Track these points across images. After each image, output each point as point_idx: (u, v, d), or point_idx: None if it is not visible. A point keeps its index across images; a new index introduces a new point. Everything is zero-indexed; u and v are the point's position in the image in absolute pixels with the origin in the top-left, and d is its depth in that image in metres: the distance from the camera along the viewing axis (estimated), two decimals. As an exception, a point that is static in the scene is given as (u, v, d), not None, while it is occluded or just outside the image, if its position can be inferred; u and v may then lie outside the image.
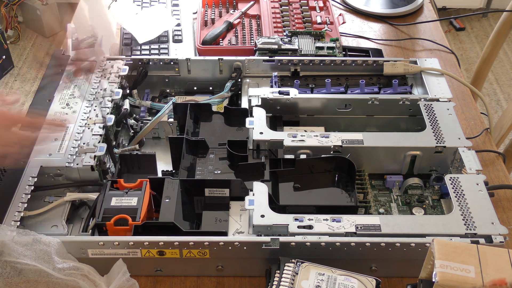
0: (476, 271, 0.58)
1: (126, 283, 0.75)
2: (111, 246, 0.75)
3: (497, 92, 2.43)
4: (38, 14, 2.63)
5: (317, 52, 1.11)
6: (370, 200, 0.86)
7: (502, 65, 2.56)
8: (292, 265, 0.72)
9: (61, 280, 0.73)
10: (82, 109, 0.93)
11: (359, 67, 1.06)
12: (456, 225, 0.76)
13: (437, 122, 0.91)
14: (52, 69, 1.03)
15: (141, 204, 0.80)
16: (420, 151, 0.88)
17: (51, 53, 2.73)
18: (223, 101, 1.01)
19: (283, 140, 0.87)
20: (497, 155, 1.00)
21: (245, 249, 0.75)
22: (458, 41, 2.70)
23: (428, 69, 1.03)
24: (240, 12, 1.26)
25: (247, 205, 0.78)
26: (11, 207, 0.79)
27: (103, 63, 1.03)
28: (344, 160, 0.86)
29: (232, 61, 1.05)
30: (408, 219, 0.77)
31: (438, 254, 0.60)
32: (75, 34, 1.10)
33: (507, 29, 1.47)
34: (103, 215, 0.78)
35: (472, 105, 1.10)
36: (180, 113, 0.95)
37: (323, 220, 0.76)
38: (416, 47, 1.27)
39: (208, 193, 0.83)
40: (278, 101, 0.96)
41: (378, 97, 0.96)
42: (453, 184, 0.81)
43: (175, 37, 1.20)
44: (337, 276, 0.71)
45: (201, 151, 0.90)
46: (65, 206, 0.83)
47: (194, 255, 0.76)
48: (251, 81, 1.05)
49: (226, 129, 0.95)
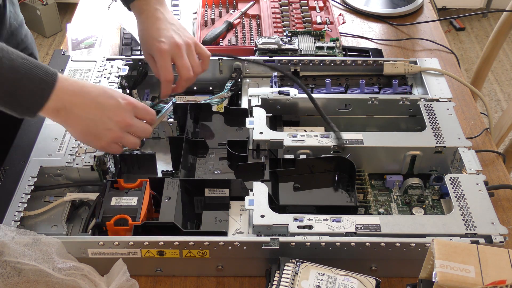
0: (476, 271, 0.59)
1: (126, 283, 0.75)
2: (111, 246, 0.75)
3: (497, 92, 2.43)
4: (38, 14, 2.63)
5: (317, 52, 1.11)
6: (370, 200, 0.86)
7: (502, 65, 2.56)
8: (292, 265, 0.72)
9: (61, 280, 0.73)
10: (82, 109, 0.93)
11: (359, 67, 1.06)
12: (456, 225, 0.76)
13: (437, 122, 0.91)
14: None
15: (141, 204, 0.80)
16: (420, 151, 0.88)
17: (51, 53, 2.72)
18: (223, 101, 1.01)
19: (283, 140, 0.87)
20: (497, 155, 1.00)
21: (245, 249, 0.75)
22: (458, 41, 2.70)
23: (428, 69, 1.03)
24: (240, 12, 1.26)
25: (247, 205, 0.78)
26: (11, 207, 0.79)
27: (103, 63, 1.03)
28: (344, 160, 0.86)
29: (232, 61, 1.05)
30: (408, 219, 0.77)
31: (438, 254, 0.60)
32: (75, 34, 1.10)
33: (507, 29, 1.47)
34: (103, 215, 0.79)
35: (472, 105, 1.10)
36: (180, 113, 0.95)
37: (323, 220, 0.76)
38: (416, 47, 1.27)
39: (208, 193, 0.83)
40: (278, 101, 0.96)
41: (378, 97, 0.96)
42: (453, 184, 0.81)
43: (175, 37, 1.20)
44: (337, 276, 0.71)
45: (201, 151, 0.90)
46: (65, 206, 0.83)
47: (194, 255, 0.76)
48: (251, 81, 1.05)
49: (226, 129, 0.95)
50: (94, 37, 1.21)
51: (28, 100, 0.72)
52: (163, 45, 0.87)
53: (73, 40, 1.20)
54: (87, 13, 1.31)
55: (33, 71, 0.71)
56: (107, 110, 0.77)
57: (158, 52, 0.88)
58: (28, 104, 0.72)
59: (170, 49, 0.88)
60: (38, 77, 0.72)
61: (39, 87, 0.72)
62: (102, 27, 1.23)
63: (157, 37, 0.88)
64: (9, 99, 0.71)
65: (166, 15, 0.92)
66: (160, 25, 0.90)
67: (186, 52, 0.89)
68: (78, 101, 0.75)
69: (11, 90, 0.71)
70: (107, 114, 0.77)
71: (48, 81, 0.72)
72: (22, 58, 0.71)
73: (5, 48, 0.71)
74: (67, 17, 2.81)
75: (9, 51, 0.71)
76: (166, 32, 0.89)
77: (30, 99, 0.72)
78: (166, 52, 0.87)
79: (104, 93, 0.78)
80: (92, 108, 0.76)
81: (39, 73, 0.72)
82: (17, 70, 0.70)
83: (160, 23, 0.90)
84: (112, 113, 0.78)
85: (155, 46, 0.88)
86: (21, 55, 0.72)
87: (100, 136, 0.78)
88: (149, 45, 0.90)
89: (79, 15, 1.32)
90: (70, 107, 0.75)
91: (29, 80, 0.71)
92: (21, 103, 0.72)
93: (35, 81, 0.71)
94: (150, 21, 0.91)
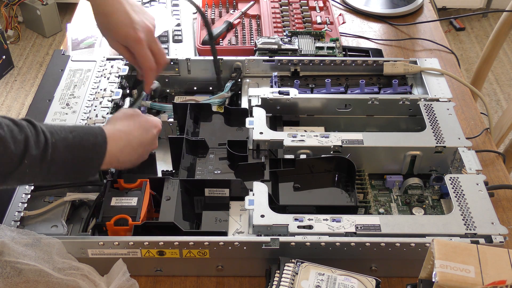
0: (476, 271, 0.58)
1: (126, 283, 0.75)
2: (111, 246, 0.75)
3: (497, 92, 2.43)
4: (38, 14, 2.63)
5: (317, 52, 1.11)
6: (370, 200, 0.86)
7: (502, 65, 2.56)
8: (292, 265, 0.72)
9: (61, 280, 0.73)
10: (82, 109, 0.93)
11: (359, 67, 1.06)
12: (456, 225, 0.76)
13: (437, 122, 0.91)
14: (52, 69, 1.03)
15: (141, 204, 0.80)
16: (420, 151, 0.88)
17: (51, 53, 2.72)
18: (223, 101, 1.02)
19: (283, 140, 0.87)
20: (497, 155, 1.00)
21: (245, 249, 0.75)
22: (458, 41, 2.70)
23: (428, 69, 1.03)
24: (240, 12, 1.26)
25: (247, 205, 0.78)
26: (11, 207, 0.79)
27: (103, 63, 1.03)
28: (344, 160, 0.86)
29: (232, 61, 1.05)
30: (408, 219, 0.77)
31: (438, 254, 0.60)
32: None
33: (507, 29, 1.47)
34: (103, 215, 0.79)
35: (472, 105, 1.10)
36: (180, 113, 0.95)
37: (323, 220, 0.76)
38: (416, 47, 1.27)
39: (208, 193, 0.83)
40: (278, 101, 0.96)
41: (378, 97, 0.96)
42: (453, 184, 0.81)
43: (175, 37, 1.20)
44: (337, 276, 0.71)
45: (201, 151, 0.90)
46: (65, 206, 0.83)
47: (194, 255, 0.76)
48: (251, 81, 1.05)
49: (226, 129, 0.95)
50: (94, 37, 1.21)
51: (87, 167, 0.72)
52: (140, 34, 0.82)
53: (73, 40, 1.20)
54: (87, 13, 1.31)
55: (84, 141, 0.70)
56: (148, 145, 0.81)
57: (136, 42, 0.83)
58: (87, 170, 0.73)
59: (145, 37, 0.83)
60: (90, 144, 0.71)
61: (95, 151, 0.72)
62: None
63: (129, 24, 0.82)
64: (71, 173, 0.71)
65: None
66: (125, 7, 0.83)
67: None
68: (128, 150, 0.77)
69: (71, 165, 0.70)
70: (147, 149, 0.82)
71: (100, 143, 0.72)
72: (70, 132, 0.70)
73: (53, 129, 0.69)
74: (67, 17, 2.81)
75: (58, 130, 0.69)
76: (135, 16, 0.83)
77: (88, 167, 0.72)
78: (144, 40, 0.83)
79: (143, 131, 0.80)
80: (138, 149, 0.79)
81: (90, 138, 0.71)
82: (72, 146, 0.69)
83: (123, 5, 0.83)
84: (151, 146, 0.82)
85: (131, 35, 0.82)
86: (68, 128, 0.70)
87: (138, 162, 0.82)
88: (121, 34, 0.83)
89: (79, 15, 1.32)
90: (123, 158, 0.77)
91: (84, 150, 0.71)
92: (81, 172, 0.72)
93: (90, 149, 0.71)
94: (110, 4, 0.82)
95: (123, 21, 0.82)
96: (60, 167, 0.69)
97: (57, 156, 0.67)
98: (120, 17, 0.82)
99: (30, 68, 2.56)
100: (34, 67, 2.56)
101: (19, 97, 2.41)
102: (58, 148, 0.68)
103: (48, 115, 0.92)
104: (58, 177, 0.71)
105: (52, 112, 0.93)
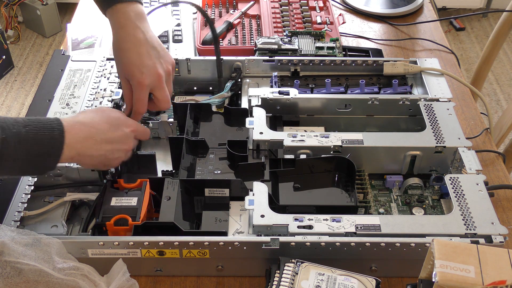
0: (476, 271, 0.58)
1: (126, 283, 0.75)
2: (111, 246, 0.75)
3: (497, 92, 2.43)
4: (38, 14, 2.63)
5: (317, 52, 1.11)
6: (370, 200, 0.86)
7: (502, 65, 2.56)
8: (292, 265, 0.72)
9: (61, 280, 0.73)
10: (82, 109, 0.93)
11: (359, 67, 1.06)
12: (456, 225, 0.76)
13: (437, 122, 0.91)
14: (52, 69, 1.03)
15: (141, 204, 0.80)
16: (420, 151, 0.88)
17: (51, 53, 2.72)
18: (223, 101, 1.01)
19: (283, 140, 0.87)
20: (497, 155, 1.00)
21: (245, 249, 0.75)
22: (458, 41, 2.70)
23: (428, 69, 1.03)
24: (240, 12, 1.26)
25: (247, 205, 0.78)
26: (11, 207, 0.79)
27: (103, 63, 1.03)
28: (344, 160, 0.86)
29: (232, 61, 1.05)
30: (408, 219, 0.77)
31: (438, 254, 0.60)
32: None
33: (507, 29, 1.47)
34: (103, 215, 0.79)
35: (472, 105, 1.10)
36: (180, 113, 0.95)
37: (323, 220, 0.76)
38: (416, 47, 1.27)
39: (208, 193, 0.83)
40: (278, 101, 0.96)
41: (378, 97, 0.96)
42: (453, 184, 0.81)
43: (175, 37, 1.20)
44: (337, 276, 0.71)
45: (201, 151, 0.90)
46: (65, 206, 0.83)
47: (194, 255, 0.76)
48: (251, 81, 1.05)
49: (226, 129, 0.95)
50: (94, 37, 1.21)
51: (44, 162, 0.71)
52: (144, 79, 0.82)
53: (73, 40, 1.20)
54: (87, 13, 1.31)
55: (39, 135, 0.69)
56: (116, 143, 0.79)
57: (138, 85, 0.83)
58: (44, 165, 0.72)
59: (150, 82, 0.83)
60: (46, 137, 0.70)
61: (50, 145, 0.71)
62: (102, 27, 1.23)
63: (138, 65, 0.82)
64: (26, 168, 0.71)
65: (146, 35, 0.84)
66: (141, 49, 0.83)
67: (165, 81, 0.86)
68: (89, 144, 0.75)
69: (25, 160, 0.69)
70: (116, 147, 0.79)
71: (57, 137, 0.71)
72: (24, 126, 0.68)
73: (5, 124, 0.67)
74: (67, 17, 2.81)
75: (10, 125, 0.67)
76: (147, 60, 0.83)
77: (45, 161, 0.71)
78: (147, 86, 0.83)
79: (110, 126, 0.78)
80: (103, 145, 0.77)
81: (46, 132, 0.70)
82: (25, 141, 0.68)
83: (140, 46, 0.83)
84: (120, 144, 0.80)
85: (135, 77, 0.83)
86: (22, 123, 0.69)
87: (110, 163, 0.81)
88: (127, 71, 0.84)
89: (79, 15, 1.32)
90: (83, 151, 0.75)
91: (38, 145, 0.69)
92: (37, 167, 0.72)
93: (45, 144, 0.70)
94: (129, 41, 0.83)
95: (134, 61, 0.83)
96: (13, 163, 0.68)
97: (8, 152, 0.67)
98: (132, 57, 0.83)
99: (30, 68, 2.56)
100: (34, 67, 2.56)
101: (19, 97, 2.41)
102: (9, 143, 0.66)
103: (48, 115, 0.92)
104: (13, 172, 0.71)
105: (52, 112, 0.93)
